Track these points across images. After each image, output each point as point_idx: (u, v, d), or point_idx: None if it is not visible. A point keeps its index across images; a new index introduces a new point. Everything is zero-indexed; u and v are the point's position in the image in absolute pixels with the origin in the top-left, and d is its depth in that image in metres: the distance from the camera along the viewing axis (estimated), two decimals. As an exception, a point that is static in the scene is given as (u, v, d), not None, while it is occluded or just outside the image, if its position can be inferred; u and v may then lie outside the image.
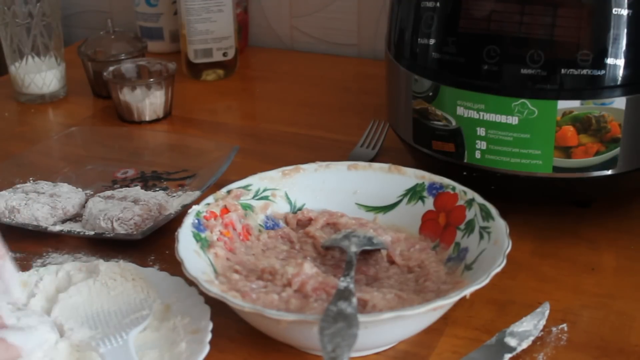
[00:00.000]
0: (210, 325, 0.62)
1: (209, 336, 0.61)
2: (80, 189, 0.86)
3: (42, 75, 1.13)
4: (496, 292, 0.69)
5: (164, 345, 0.62)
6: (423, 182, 0.75)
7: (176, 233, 0.67)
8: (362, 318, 0.56)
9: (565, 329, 0.65)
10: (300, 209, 0.76)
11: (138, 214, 0.78)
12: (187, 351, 0.61)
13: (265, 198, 0.75)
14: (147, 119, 1.06)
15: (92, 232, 0.77)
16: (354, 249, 0.68)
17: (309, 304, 0.62)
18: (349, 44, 1.30)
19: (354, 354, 0.60)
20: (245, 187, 0.75)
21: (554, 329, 0.65)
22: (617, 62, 0.68)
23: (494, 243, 0.66)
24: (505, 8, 0.70)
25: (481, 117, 0.73)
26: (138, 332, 0.63)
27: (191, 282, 0.65)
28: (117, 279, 0.69)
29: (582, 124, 0.70)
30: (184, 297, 0.66)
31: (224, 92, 1.17)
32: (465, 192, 0.72)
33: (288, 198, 0.76)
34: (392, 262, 0.70)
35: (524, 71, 0.70)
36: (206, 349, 0.60)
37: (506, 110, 0.71)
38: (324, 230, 0.73)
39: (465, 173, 0.76)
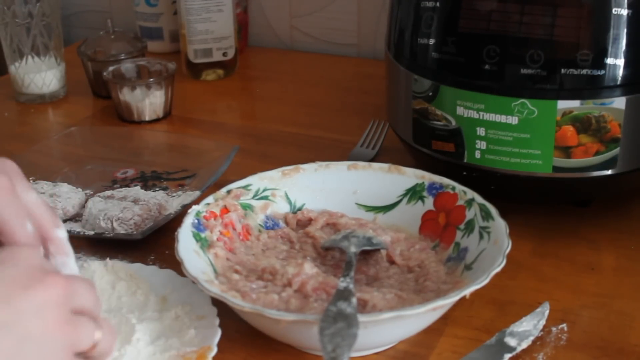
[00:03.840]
0: (216, 310, 0.63)
1: (218, 320, 0.62)
2: (80, 189, 0.86)
3: (42, 75, 1.13)
4: (496, 292, 0.69)
5: (169, 333, 0.63)
6: (423, 182, 0.75)
7: (176, 233, 0.67)
8: (362, 318, 0.56)
9: (565, 328, 0.65)
10: (300, 209, 0.76)
11: (138, 213, 0.78)
12: (199, 336, 0.61)
13: (265, 198, 0.75)
14: (147, 118, 1.06)
15: (92, 232, 0.78)
16: (353, 249, 0.68)
17: (309, 304, 0.62)
18: (349, 43, 1.30)
19: (354, 354, 0.60)
20: (245, 187, 0.75)
21: (553, 328, 0.65)
22: (617, 62, 0.68)
23: (494, 243, 0.66)
24: (505, 8, 0.70)
25: (481, 117, 0.73)
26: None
27: (183, 274, 0.65)
28: (105, 276, 0.69)
29: (582, 123, 0.70)
30: (179, 287, 0.67)
31: (223, 92, 1.17)
32: (465, 192, 0.72)
33: (288, 198, 0.76)
34: (392, 262, 0.70)
35: (523, 71, 0.70)
36: (218, 331, 0.61)
37: (506, 110, 0.71)
38: (323, 231, 0.73)
39: (465, 173, 0.76)
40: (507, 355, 0.61)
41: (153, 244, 0.77)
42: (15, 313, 0.44)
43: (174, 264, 0.65)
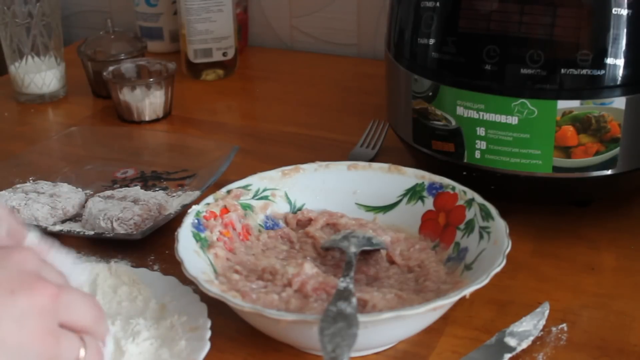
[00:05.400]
0: (209, 323, 0.62)
1: (209, 333, 0.61)
2: (80, 189, 0.86)
3: (41, 75, 1.13)
4: (496, 292, 0.69)
5: (162, 343, 0.62)
6: (423, 182, 0.75)
7: (176, 233, 0.67)
8: (362, 318, 0.56)
9: (565, 328, 0.65)
10: (300, 209, 0.76)
11: (138, 214, 0.78)
12: (188, 348, 0.61)
13: (265, 198, 0.75)
14: (147, 118, 1.06)
15: (91, 232, 0.77)
16: (353, 249, 0.68)
17: (309, 304, 0.62)
18: (349, 43, 1.30)
19: (354, 354, 0.60)
20: (245, 187, 0.75)
21: (553, 328, 0.65)
22: (616, 62, 0.68)
23: (494, 243, 0.66)
24: (505, 8, 0.70)
25: (481, 117, 0.73)
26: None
27: (185, 281, 0.65)
28: (108, 280, 0.69)
29: (582, 123, 0.70)
30: (179, 295, 0.67)
31: (223, 92, 1.17)
32: (465, 192, 0.72)
33: (288, 198, 0.76)
34: (392, 262, 0.70)
35: (523, 71, 0.70)
36: (207, 345, 0.60)
37: (506, 110, 0.71)
38: (323, 231, 0.73)
39: (465, 173, 0.76)
40: (507, 355, 0.61)
41: (153, 244, 0.77)
42: None
43: (174, 264, 0.65)
